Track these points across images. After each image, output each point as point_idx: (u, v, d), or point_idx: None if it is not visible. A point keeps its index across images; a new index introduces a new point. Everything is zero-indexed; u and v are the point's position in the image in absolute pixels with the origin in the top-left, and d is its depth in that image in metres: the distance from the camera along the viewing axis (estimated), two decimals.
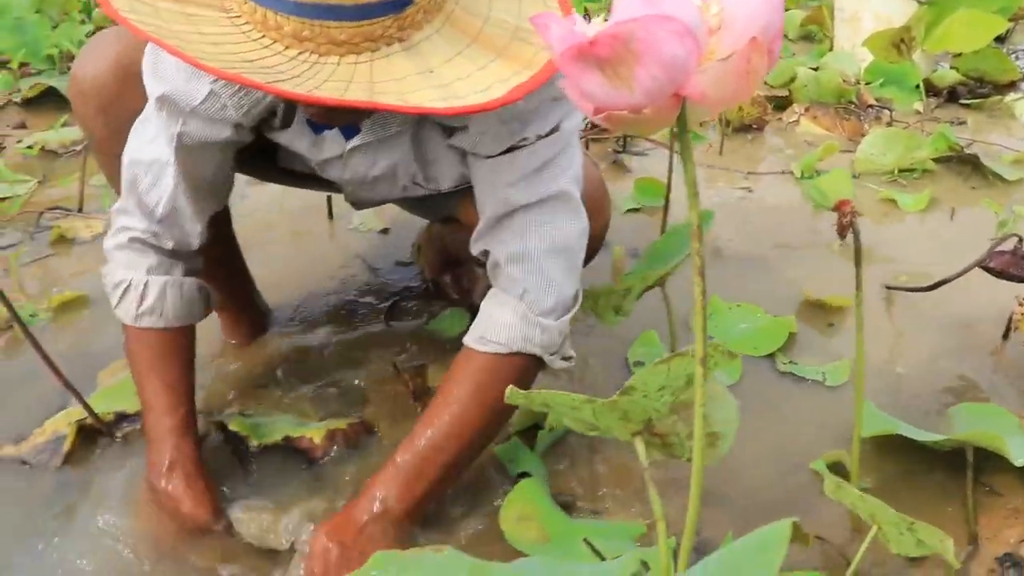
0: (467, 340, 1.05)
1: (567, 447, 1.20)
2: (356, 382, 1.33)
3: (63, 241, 1.84)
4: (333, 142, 1.08)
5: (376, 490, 0.99)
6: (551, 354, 1.05)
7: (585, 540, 0.93)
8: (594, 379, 1.34)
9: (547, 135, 1.01)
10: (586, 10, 3.11)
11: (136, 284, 1.09)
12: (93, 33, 3.05)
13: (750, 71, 0.56)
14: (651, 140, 2.26)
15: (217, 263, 1.29)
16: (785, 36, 3.23)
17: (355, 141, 1.07)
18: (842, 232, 1.08)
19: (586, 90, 0.57)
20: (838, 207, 1.08)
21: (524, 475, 1.12)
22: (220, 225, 1.33)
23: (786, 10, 3.44)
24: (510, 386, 0.82)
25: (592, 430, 0.91)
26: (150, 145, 1.04)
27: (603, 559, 0.91)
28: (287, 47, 0.77)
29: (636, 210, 1.90)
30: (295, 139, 1.09)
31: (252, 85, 0.78)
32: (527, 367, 1.04)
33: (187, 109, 0.99)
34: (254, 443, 1.16)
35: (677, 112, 0.59)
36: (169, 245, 1.10)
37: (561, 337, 1.05)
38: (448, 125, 1.04)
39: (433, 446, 1.00)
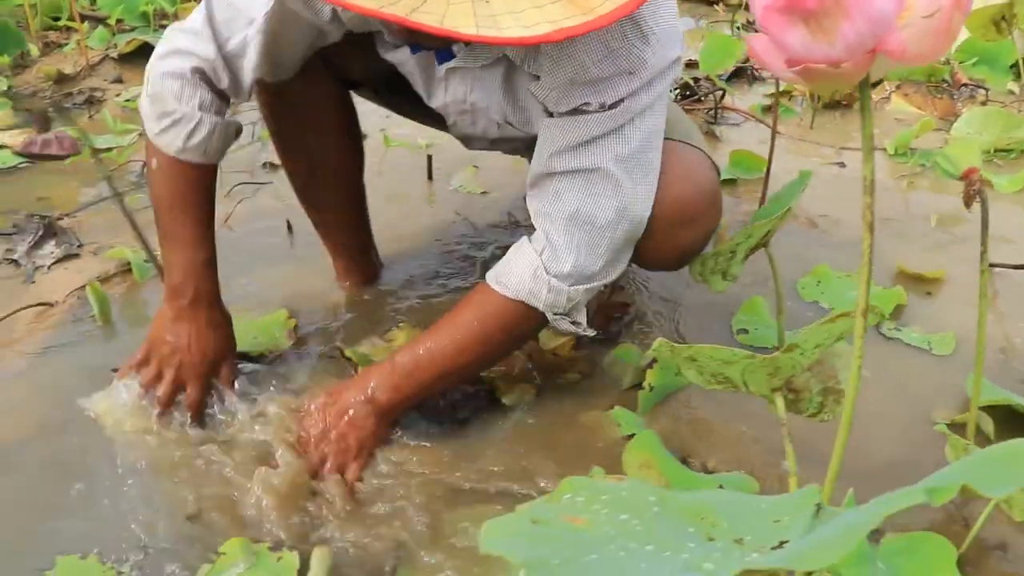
0: (488, 275, 1.11)
1: (668, 408, 1.23)
2: None
3: None
4: (434, 67, 1.12)
5: (370, 380, 1.11)
6: (555, 314, 1.08)
7: (720, 487, 0.96)
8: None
9: (610, 107, 1.01)
10: None
11: (188, 118, 1.11)
12: None
13: (950, 29, 0.58)
14: (742, 112, 2.26)
15: (346, 209, 1.35)
16: None
17: (450, 64, 1.09)
18: (968, 201, 1.08)
19: (786, 42, 0.59)
20: (966, 175, 1.09)
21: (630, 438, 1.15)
22: (353, 174, 1.39)
23: None
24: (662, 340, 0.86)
25: (720, 384, 0.94)
26: None
27: None
28: None
29: (732, 181, 1.90)
30: (406, 60, 1.14)
31: None
32: (529, 317, 1.09)
33: None
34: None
35: (869, 67, 0.61)
36: (223, 84, 1.11)
37: (569, 302, 1.08)
38: (533, 73, 1.05)
39: (429, 357, 1.10)
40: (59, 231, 1.68)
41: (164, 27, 3.06)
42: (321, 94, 1.30)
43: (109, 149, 2.13)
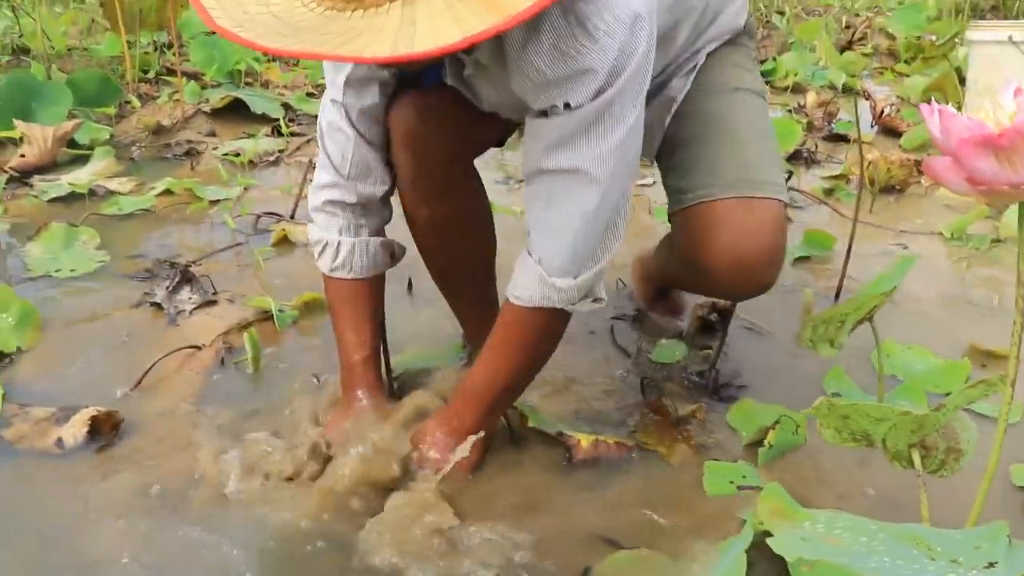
0: (506, 293, 1.22)
1: (785, 463, 1.36)
2: (599, 403, 1.48)
3: (286, 243, 2.06)
4: (461, 79, 1.19)
5: (452, 412, 1.26)
6: (573, 304, 1.18)
7: None
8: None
9: (578, 107, 1.04)
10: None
11: (331, 243, 1.30)
12: None
13: None
14: (806, 194, 2.42)
15: (480, 286, 1.49)
16: (908, 101, 3.38)
17: (467, 71, 1.15)
18: None
19: (976, 168, 0.75)
20: None
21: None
22: (490, 259, 1.51)
23: (907, 76, 3.61)
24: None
25: (854, 441, 1.08)
26: (324, 112, 1.26)
27: None
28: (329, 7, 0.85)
29: (806, 258, 2.05)
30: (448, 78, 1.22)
31: (291, 54, 0.87)
32: (552, 317, 1.20)
33: (342, 81, 1.21)
34: (530, 424, 1.34)
35: None
36: (353, 199, 1.29)
37: (580, 292, 1.16)
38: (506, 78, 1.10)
39: (491, 379, 1.24)
40: (192, 277, 1.83)
41: (249, 84, 3.27)
42: (462, 203, 1.39)
43: (218, 200, 2.30)
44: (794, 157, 2.68)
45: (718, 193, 1.24)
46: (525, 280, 1.18)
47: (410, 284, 1.85)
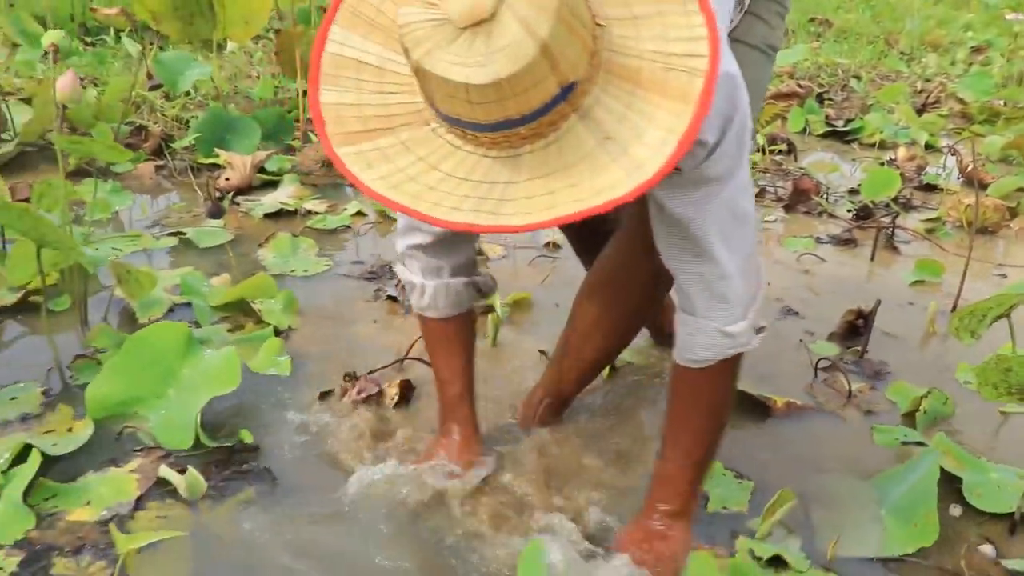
0: (679, 359, 1.23)
1: (936, 430, 1.68)
2: (782, 380, 1.81)
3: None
4: None
5: (656, 503, 1.28)
6: (748, 345, 1.21)
7: None
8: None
9: (716, 145, 1.04)
10: None
11: (416, 285, 1.37)
12: None
13: None
14: (910, 231, 2.76)
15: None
16: (987, 158, 3.72)
17: None
18: None
19: None
20: None
21: None
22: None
23: (984, 136, 3.96)
24: None
25: (1014, 395, 1.40)
26: None
27: None
28: (487, 150, 0.89)
29: (920, 282, 2.40)
30: None
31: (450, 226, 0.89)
32: (733, 362, 1.23)
33: None
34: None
35: None
36: (431, 240, 1.32)
37: (753, 328, 1.20)
38: None
39: (685, 455, 1.26)
40: None
41: None
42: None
43: None
44: (894, 202, 3.03)
45: None
46: (703, 341, 1.19)
47: None
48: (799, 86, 4.35)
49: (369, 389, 1.68)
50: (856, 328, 2.02)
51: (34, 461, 1.37)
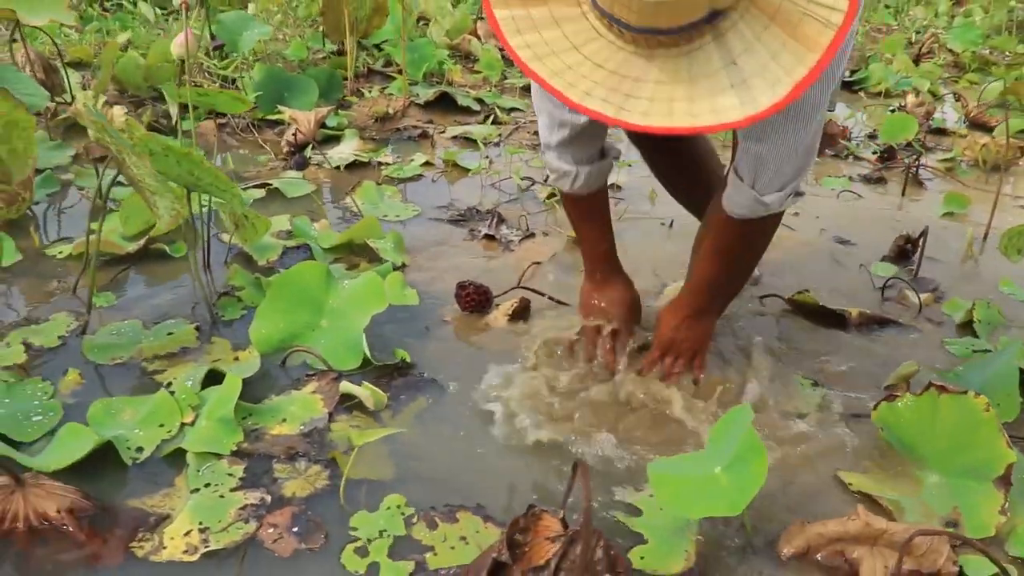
0: (722, 207, 1.47)
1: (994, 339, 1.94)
2: (854, 296, 2.09)
3: (552, 197, 2.65)
4: None
5: (684, 303, 1.64)
6: (781, 207, 1.45)
7: None
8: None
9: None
10: None
11: (571, 172, 1.60)
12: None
13: None
14: (931, 168, 3.03)
15: None
16: (988, 104, 3.99)
17: None
18: None
19: None
20: None
21: None
22: None
23: (976, 84, 4.22)
24: None
25: None
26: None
27: None
28: (625, 43, 1.02)
29: (950, 214, 2.67)
30: None
31: (581, 109, 1.04)
32: (765, 221, 1.48)
33: None
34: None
35: None
36: (576, 134, 1.54)
37: (785, 198, 1.43)
38: None
39: (710, 278, 1.60)
40: (504, 218, 2.42)
41: (437, 83, 3.89)
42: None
43: (468, 169, 2.89)
44: (908, 145, 3.29)
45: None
46: (740, 199, 1.44)
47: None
48: None
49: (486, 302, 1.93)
50: (905, 252, 2.28)
51: (234, 384, 1.50)
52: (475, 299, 1.91)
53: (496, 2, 1.06)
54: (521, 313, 1.91)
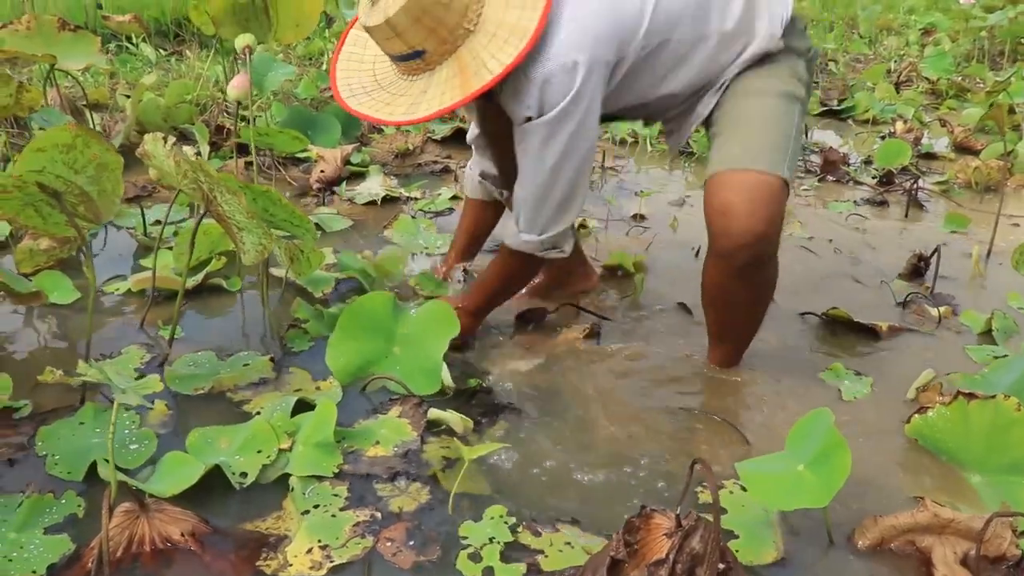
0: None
1: (1011, 347, 2.10)
2: (878, 309, 2.23)
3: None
4: None
5: (462, 299, 1.96)
6: (540, 252, 1.80)
7: None
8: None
9: (537, 118, 1.60)
10: None
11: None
12: None
13: None
14: (928, 191, 3.21)
15: None
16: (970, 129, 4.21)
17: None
18: None
19: None
20: None
21: None
22: None
23: (954, 110, 4.44)
24: None
25: None
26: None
27: None
28: (403, 72, 1.60)
29: (952, 233, 2.84)
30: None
31: (367, 119, 1.65)
32: (528, 256, 1.82)
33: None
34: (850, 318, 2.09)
35: None
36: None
37: (544, 245, 1.77)
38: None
39: (486, 285, 1.95)
40: None
41: (463, 120, 4.02)
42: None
43: None
44: (904, 170, 3.48)
45: (722, 168, 1.62)
46: (506, 231, 1.83)
47: None
48: None
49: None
50: (919, 269, 2.44)
51: (330, 410, 1.58)
52: (533, 318, 2.04)
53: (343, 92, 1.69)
54: (592, 335, 2.03)
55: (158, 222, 2.67)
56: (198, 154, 2.86)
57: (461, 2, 1.52)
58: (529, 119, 1.62)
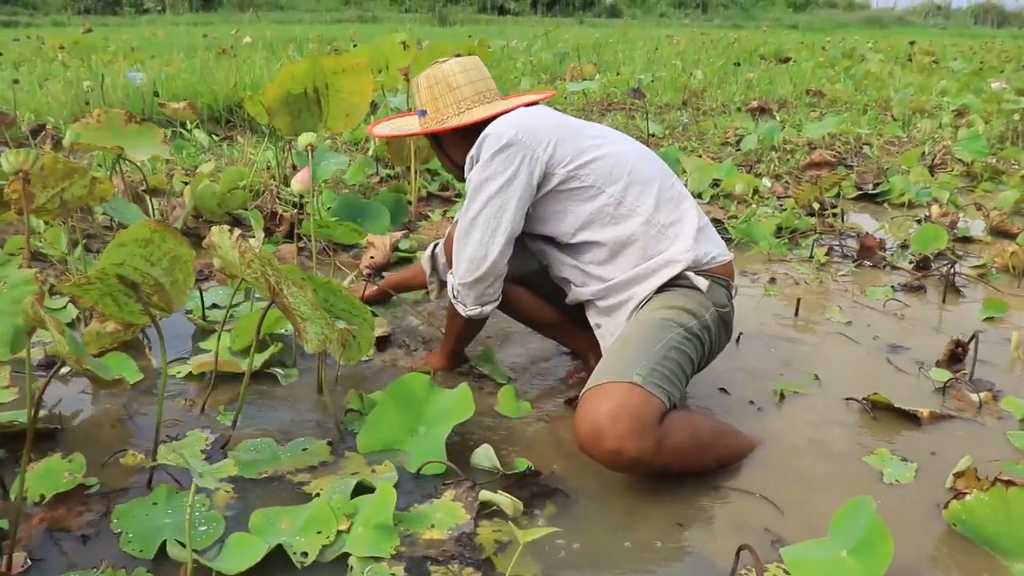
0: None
1: None
2: (921, 396, 2.28)
3: None
4: None
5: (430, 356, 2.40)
6: (454, 297, 2.10)
7: None
8: None
9: (471, 168, 2.00)
10: None
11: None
12: None
13: None
14: (966, 276, 3.25)
15: None
16: (1006, 212, 4.25)
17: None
18: None
19: None
20: None
21: None
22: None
23: (989, 192, 4.48)
24: None
25: None
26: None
27: None
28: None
29: (990, 319, 2.87)
30: None
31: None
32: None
33: None
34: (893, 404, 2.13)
35: None
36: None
37: (455, 292, 2.08)
38: None
39: (447, 338, 2.31)
40: None
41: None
42: None
43: None
44: (942, 255, 3.53)
45: (592, 384, 1.78)
46: (450, 280, 2.11)
47: None
48: (831, 157, 4.89)
49: None
50: (957, 355, 2.47)
51: (389, 493, 1.64)
52: None
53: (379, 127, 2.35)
54: None
55: (215, 306, 2.79)
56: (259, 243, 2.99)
57: (463, 92, 2.09)
58: (470, 169, 1.99)
